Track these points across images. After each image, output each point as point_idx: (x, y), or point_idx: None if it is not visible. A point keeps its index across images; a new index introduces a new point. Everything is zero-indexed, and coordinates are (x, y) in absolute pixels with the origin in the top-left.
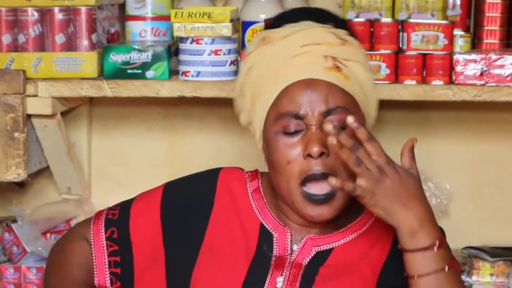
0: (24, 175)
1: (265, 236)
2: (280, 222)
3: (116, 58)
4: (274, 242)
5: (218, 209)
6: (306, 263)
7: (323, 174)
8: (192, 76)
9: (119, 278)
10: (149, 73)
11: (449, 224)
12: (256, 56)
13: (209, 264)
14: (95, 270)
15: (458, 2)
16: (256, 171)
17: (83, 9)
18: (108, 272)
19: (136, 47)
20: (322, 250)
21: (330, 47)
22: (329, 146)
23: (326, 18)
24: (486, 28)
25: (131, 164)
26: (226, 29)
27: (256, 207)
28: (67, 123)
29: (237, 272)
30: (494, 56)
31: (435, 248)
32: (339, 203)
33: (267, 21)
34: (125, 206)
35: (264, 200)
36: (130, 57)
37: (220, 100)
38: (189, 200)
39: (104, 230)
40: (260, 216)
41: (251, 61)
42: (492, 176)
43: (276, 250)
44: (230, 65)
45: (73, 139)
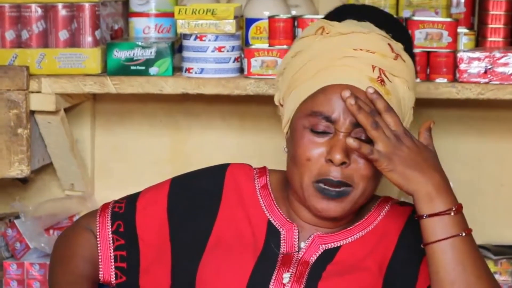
0: (27, 171)
1: (272, 233)
2: (287, 219)
3: (119, 54)
4: (281, 239)
5: (226, 204)
6: (314, 261)
7: (339, 182)
8: (195, 73)
9: (125, 273)
10: (152, 69)
11: None
12: (307, 42)
13: (215, 259)
14: (100, 265)
15: (462, 0)
16: (264, 168)
17: (87, 5)
18: (113, 266)
19: (139, 43)
20: (329, 248)
21: (381, 59)
22: (350, 151)
23: (391, 25)
24: (490, 26)
25: (134, 161)
26: (229, 26)
27: (264, 203)
28: (70, 120)
29: (243, 268)
30: (498, 54)
31: (452, 213)
32: (349, 203)
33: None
34: (131, 199)
35: (272, 197)
36: (134, 53)
37: (224, 97)
38: (196, 195)
39: (110, 224)
40: (268, 212)
41: (301, 45)
42: (496, 174)
43: (284, 247)
44: (234, 62)
45: (76, 136)
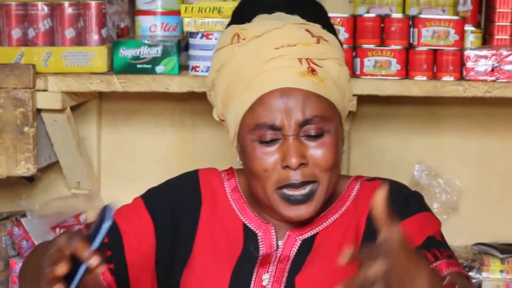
0: (33, 169)
1: (249, 236)
2: (263, 220)
3: (126, 53)
4: (259, 241)
5: (205, 210)
6: (294, 254)
7: (302, 182)
8: (202, 71)
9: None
10: (159, 68)
11: (459, 221)
12: (227, 53)
13: (196, 267)
14: None
15: None
16: (231, 169)
17: (93, 3)
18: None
19: (146, 42)
20: (306, 237)
21: (305, 48)
22: (304, 149)
23: (302, 6)
24: (497, 24)
25: (140, 159)
26: None
27: (236, 207)
28: (77, 118)
29: (222, 275)
30: (505, 52)
31: None
32: (318, 202)
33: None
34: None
35: (244, 199)
36: (140, 52)
37: None
38: (177, 202)
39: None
40: (242, 216)
41: (223, 58)
42: (503, 172)
43: (262, 249)
44: None
45: (82, 134)
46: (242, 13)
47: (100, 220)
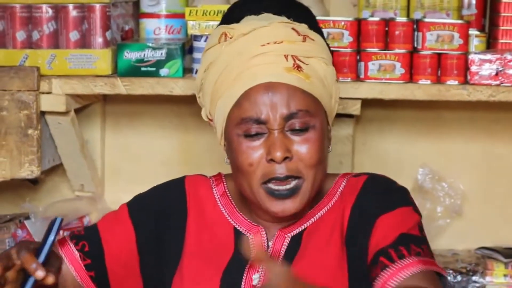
0: (37, 172)
1: (240, 240)
2: (253, 223)
3: (130, 55)
4: (251, 244)
5: (192, 216)
6: (284, 251)
7: (287, 176)
8: None
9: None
10: (163, 71)
11: (462, 225)
12: (215, 52)
13: (187, 273)
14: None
15: (474, 2)
16: (219, 174)
17: (98, 6)
18: (88, 276)
19: (150, 44)
20: (295, 234)
21: (291, 45)
22: (290, 144)
23: (288, 8)
24: (502, 28)
25: (144, 162)
26: None
27: (226, 211)
28: (81, 120)
29: (212, 279)
30: (509, 56)
31: None
32: (303, 198)
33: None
34: (90, 225)
35: (233, 204)
36: (144, 54)
37: None
38: (162, 210)
39: (74, 244)
40: (232, 220)
41: (210, 57)
42: (506, 176)
43: (254, 252)
44: None
45: (86, 136)
46: (230, 16)
47: (47, 233)
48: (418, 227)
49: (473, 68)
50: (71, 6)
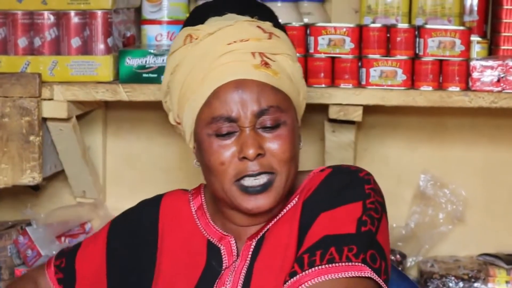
0: (39, 178)
1: (213, 252)
2: (223, 233)
3: (131, 62)
4: (222, 254)
5: (164, 234)
6: (250, 257)
7: (259, 173)
8: None
9: None
10: None
11: (464, 231)
12: (181, 54)
13: None
14: None
15: (475, 8)
16: (200, 186)
17: (99, 12)
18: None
19: (152, 51)
20: (259, 237)
21: (257, 43)
22: (262, 141)
23: (251, 8)
24: (503, 34)
25: (145, 168)
26: None
27: (200, 224)
28: (82, 127)
29: None
30: (511, 63)
31: None
32: (276, 192)
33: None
34: (78, 243)
35: (207, 215)
36: (146, 61)
37: None
38: (135, 230)
39: (53, 260)
40: (205, 232)
41: (177, 59)
42: (508, 182)
43: (225, 263)
44: None
45: (88, 143)
46: (194, 18)
47: None
48: (358, 222)
49: (474, 74)
50: (72, 13)
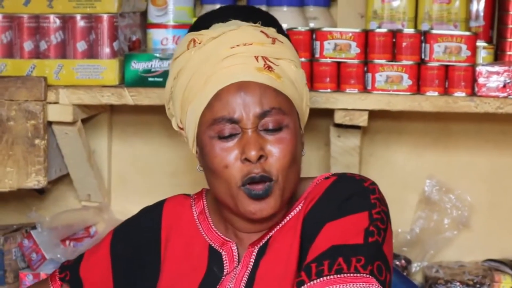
0: (44, 182)
1: (214, 257)
2: (225, 238)
3: (137, 66)
4: (223, 260)
5: (167, 241)
6: (252, 263)
7: (262, 176)
8: None
9: None
10: None
11: (470, 236)
12: (184, 59)
13: None
14: None
15: (481, 14)
16: (202, 191)
17: (105, 16)
18: None
19: (157, 55)
20: (262, 244)
21: (261, 47)
22: (263, 144)
23: (255, 16)
24: (509, 39)
25: (151, 172)
26: None
27: (202, 229)
28: (88, 130)
29: None
30: None
31: None
32: (276, 200)
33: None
34: (80, 255)
35: (209, 220)
36: (152, 65)
37: None
38: (137, 238)
39: (58, 272)
40: (207, 237)
41: (180, 64)
42: None
43: (227, 268)
44: None
45: (93, 146)
46: (198, 25)
47: None
48: (365, 233)
49: (480, 80)
50: (78, 17)
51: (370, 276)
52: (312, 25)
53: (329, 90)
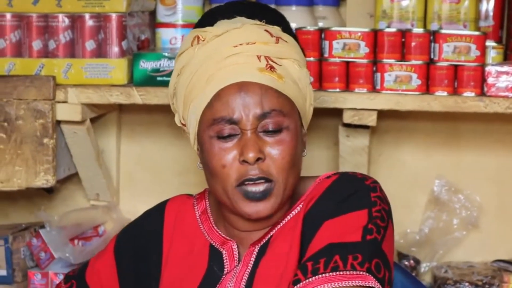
0: (52, 181)
1: (215, 256)
2: (226, 237)
3: (146, 65)
4: (224, 259)
5: (169, 241)
6: (252, 262)
7: (259, 178)
8: None
9: None
10: None
11: (479, 237)
12: (188, 55)
13: None
14: None
15: (491, 13)
16: (204, 191)
17: (114, 15)
18: None
19: (166, 54)
20: (263, 243)
21: (264, 46)
22: (262, 145)
23: (261, 13)
24: None
25: (159, 171)
26: None
27: (204, 228)
28: (96, 130)
29: None
30: None
31: None
32: (275, 200)
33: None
34: (85, 263)
35: (211, 220)
36: (160, 64)
37: None
38: (140, 240)
39: (63, 282)
40: (208, 236)
41: (183, 61)
42: None
43: (227, 267)
44: None
45: (102, 146)
46: (204, 22)
47: None
48: (363, 230)
49: (490, 80)
50: (87, 16)
51: (367, 274)
52: (321, 24)
53: (338, 90)
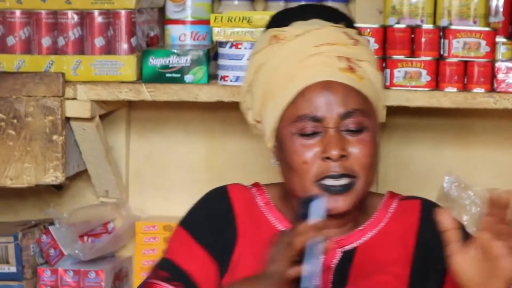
0: (62, 178)
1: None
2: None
3: (155, 62)
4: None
5: (241, 226)
6: (335, 265)
7: (342, 174)
8: (231, 80)
9: None
10: (188, 77)
11: None
12: (266, 54)
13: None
14: None
15: (501, 9)
16: (257, 184)
17: (123, 12)
18: None
19: (175, 51)
20: (346, 250)
21: (344, 48)
22: (345, 143)
23: (335, 16)
24: None
25: (169, 168)
26: None
27: (273, 219)
28: (105, 126)
29: None
30: None
31: None
32: (356, 195)
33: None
34: (161, 262)
35: (279, 211)
36: (169, 61)
37: None
38: (212, 220)
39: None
40: (280, 226)
41: (261, 59)
42: None
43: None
44: None
45: (111, 142)
46: (277, 21)
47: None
48: None
49: (500, 76)
50: (96, 12)
51: None
52: None
53: None
